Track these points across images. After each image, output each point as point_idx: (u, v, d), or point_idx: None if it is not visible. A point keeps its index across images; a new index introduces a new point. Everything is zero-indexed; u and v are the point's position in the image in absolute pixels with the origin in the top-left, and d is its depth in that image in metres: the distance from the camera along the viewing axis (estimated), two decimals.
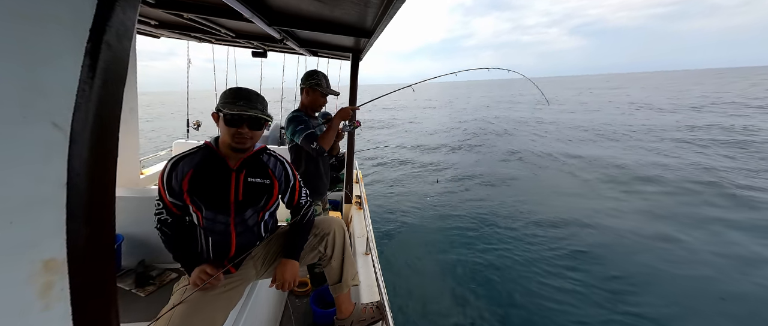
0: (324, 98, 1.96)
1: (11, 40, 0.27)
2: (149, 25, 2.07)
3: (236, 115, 1.09)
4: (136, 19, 0.38)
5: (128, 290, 1.64)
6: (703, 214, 5.34)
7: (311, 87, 1.90)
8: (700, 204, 5.80)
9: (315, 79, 1.90)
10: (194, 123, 4.23)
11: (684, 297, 3.41)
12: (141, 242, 1.81)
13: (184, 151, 1.19)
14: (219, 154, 1.19)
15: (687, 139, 11.22)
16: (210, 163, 1.18)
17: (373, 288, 1.73)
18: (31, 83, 0.28)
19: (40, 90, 0.29)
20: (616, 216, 5.38)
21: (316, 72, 1.93)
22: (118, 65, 0.35)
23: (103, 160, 0.35)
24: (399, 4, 1.15)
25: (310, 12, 1.57)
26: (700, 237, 4.63)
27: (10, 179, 0.28)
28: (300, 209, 1.37)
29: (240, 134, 1.12)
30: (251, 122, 1.12)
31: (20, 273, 0.30)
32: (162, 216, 1.18)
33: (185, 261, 1.21)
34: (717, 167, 7.78)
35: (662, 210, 5.54)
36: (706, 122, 14.27)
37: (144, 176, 3.09)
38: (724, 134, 11.59)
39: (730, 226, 4.89)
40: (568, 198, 6.34)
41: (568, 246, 4.41)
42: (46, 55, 0.29)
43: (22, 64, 0.27)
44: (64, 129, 0.31)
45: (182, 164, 1.15)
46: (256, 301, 1.41)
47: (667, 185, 6.78)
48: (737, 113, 16.64)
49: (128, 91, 2.37)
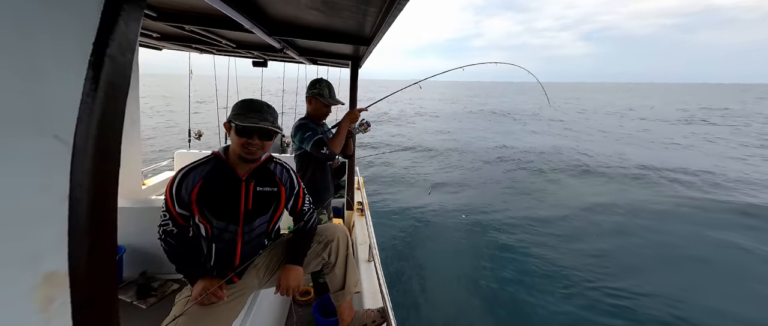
0: (327, 108, 1.96)
1: (15, 52, 0.27)
2: (152, 37, 2.10)
3: (248, 127, 1.11)
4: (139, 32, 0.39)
5: (130, 302, 1.63)
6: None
7: (313, 96, 1.91)
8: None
9: (317, 88, 1.91)
10: (196, 133, 4.27)
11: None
12: (143, 253, 1.80)
13: (193, 162, 1.19)
14: (228, 164, 1.20)
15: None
16: (219, 173, 1.18)
17: (377, 295, 1.71)
18: (34, 96, 0.28)
19: (43, 102, 0.29)
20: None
21: (319, 81, 1.94)
22: (121, 78, 0.35)
23: (105, 171, 0.35)
24: (397, 11, 1.17)
25: (309, 21, 1.59)
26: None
27: (11, 191, 0.28)
28: (303, 215, 1.37)
29: (251, 144, 1.14)
30: (262, 133, 1.15)
31: (21, 287, 0.29)
32: (167, 228, 1.17)
33: (188, 273, 1.21)
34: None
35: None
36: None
37: (146, 187, 3.10)
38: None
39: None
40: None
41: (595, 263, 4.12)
42: (50, 68, 0.29)
43: (25, 77, 0.28)
44: (66, 141, 0.31)
45: (192, 175, 1.16)
46: (259, 310, 1.40)
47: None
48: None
49: (130, 103, 2.39)
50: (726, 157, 10.49)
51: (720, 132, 16.09)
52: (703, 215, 5.79)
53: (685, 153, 11.12)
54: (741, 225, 5.32)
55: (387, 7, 1.15)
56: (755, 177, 8.09)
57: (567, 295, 3.49)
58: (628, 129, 16.73)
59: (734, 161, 9.89)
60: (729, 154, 10.99)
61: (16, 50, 0.27)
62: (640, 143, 12.88)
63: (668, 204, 6.28)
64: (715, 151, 11.50)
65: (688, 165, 9.00)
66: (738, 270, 4.06)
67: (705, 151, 11.52)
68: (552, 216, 5.66)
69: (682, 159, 9.93)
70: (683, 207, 6.12)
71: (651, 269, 4.06)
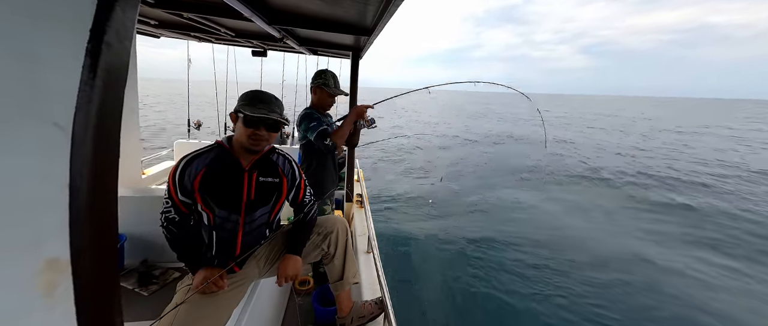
0: (332, 98, 1.95)
1: (11, 40, 0.27)
2: (149, 24, 2.07)
3: (257, 118, 1.12)
4: (136, 19, 0.38)
5: (131, 289, 1.65)
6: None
7: (318, 86, 1.90)
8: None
9: (322, 78, 1.90)
10: (195, 123, 4.25)
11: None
12: (143, 241, 1.82)
13: (196, 150, 1.19)
14: (231, 153, 1.20)
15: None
16: (223, 162, 1.18)
17: (375, 286, 1.73)
18: (31, 84, 0.28)
19: (41, 90, 0.29)
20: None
21: (324, 71, 1.93)
22: (118, 65, 0.35)
23: (105, 160, 0.35)
24: (399, 1, 1.15)
25: (309, 10, 1.57)
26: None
27: (12, 179, 0.28)
28: (304, 207, 1.38)
29: (257, 135, 1.14)
30: (269, 125, 1.15)
31: (24, 272, 0.30)
32: (170, 215, 1.18)
33: (189, 261, 1.22)
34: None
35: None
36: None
37: (145, 176, 3.10)
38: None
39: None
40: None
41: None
42: (47, 55, 0.29)
43: (22, 65, 0.27)
44: (65, 129, 0.31)
45: (195, 163, 1.16)
46: (259, 300, 1.42)
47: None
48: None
49: (129, 91, 2.37)
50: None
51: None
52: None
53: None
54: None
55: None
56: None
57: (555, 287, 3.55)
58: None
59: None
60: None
61: (12, 37, 0.27)
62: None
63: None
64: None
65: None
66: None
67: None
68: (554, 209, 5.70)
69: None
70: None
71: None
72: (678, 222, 5.57)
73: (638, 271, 3.96)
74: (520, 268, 3.91)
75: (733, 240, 4.97)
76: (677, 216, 5.89)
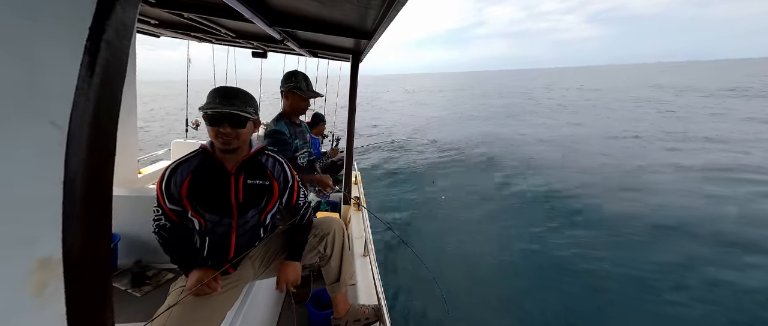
0: (306, 101, 1.86)
1: (9, 37, 0.27)
2: (149, 24, 2.07)
3: (215, 113, 1.07)
4: (136, 18, 0.38)
5: (124, 290, 1.63)
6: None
7: (290, 90, 1.78)
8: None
9: (293, 81, 1.78)
10: (193, 122, 4.23)
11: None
12: (138, 242, 1.80)
13: (182, 157, 1.18)
14: (215, 157, 1.17)
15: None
16: (207, 167, 1.16)
17: (371, 289, 1.72)
18: (29, 81, 0.28)
19: (38, 88, 0.29)
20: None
21: (295, 73, 1.82)
22: (117, 64, 0.35)
23: (101, 158, 0.35)
24: (399, 6, 1.16)
25: (310, 13, 1.57)
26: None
27: (6, 176, 0.28)
28: (299, 210, 1.37)
29: (222, 134, 1.09)
30: (232, 120, 1.09)
31: (15, 271, 0.29)
32: (160, 222, 1.17)
33: (183, 263, 1.21)
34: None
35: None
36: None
37: (142, 175, 3.08)
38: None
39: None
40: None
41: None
42: (45, 53, 0.29)
43: (20, 62, 0.27)
44: (61, 127, 0.30)
45: (180, 170, 1.14)
46: (254, 302, 1.41)
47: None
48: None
49: (127, 90, 2.36)
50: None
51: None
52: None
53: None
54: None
55: (389, 2, 1.14)
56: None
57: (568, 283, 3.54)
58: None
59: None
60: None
61: (10, 35, 0.27)
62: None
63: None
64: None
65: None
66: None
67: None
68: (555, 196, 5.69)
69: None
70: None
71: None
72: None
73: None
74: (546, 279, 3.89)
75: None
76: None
